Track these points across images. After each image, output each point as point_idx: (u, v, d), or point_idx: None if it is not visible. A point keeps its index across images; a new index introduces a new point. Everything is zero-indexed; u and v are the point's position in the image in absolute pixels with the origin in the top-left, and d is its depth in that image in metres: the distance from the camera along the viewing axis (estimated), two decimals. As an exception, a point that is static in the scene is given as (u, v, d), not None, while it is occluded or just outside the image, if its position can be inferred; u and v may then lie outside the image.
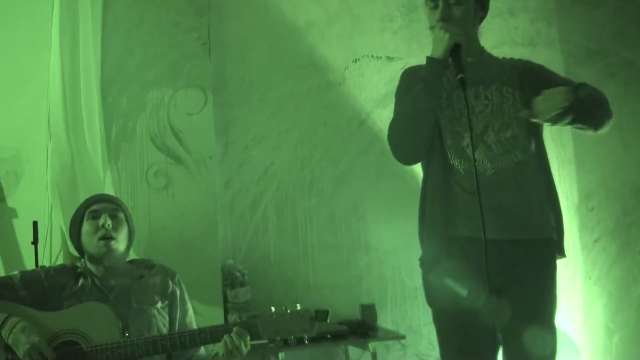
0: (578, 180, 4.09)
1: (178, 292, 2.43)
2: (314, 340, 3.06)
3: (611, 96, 4.14)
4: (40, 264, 3.04)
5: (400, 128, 2.18)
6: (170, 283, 2.43)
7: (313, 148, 3.74)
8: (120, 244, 2.35)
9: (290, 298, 3.50)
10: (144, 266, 2.46)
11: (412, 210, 3.61)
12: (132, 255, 2.58)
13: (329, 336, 3.14)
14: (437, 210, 2.17)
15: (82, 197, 2.86)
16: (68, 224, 2.83)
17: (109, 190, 3.18)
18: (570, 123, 2.10)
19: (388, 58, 3.90)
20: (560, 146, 4.08)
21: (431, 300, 2.24)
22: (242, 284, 3.36)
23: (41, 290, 2.29)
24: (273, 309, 2.11)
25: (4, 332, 2.08)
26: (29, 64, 3.32)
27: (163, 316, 2.36)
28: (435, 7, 2.18)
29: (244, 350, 2.10)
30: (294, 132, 3.72)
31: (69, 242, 2.96)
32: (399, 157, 2.23)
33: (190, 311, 2.48)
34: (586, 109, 2.13)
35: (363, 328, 3.28)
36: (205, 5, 3.49)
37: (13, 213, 3.27)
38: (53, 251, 3.19)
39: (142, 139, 3.34)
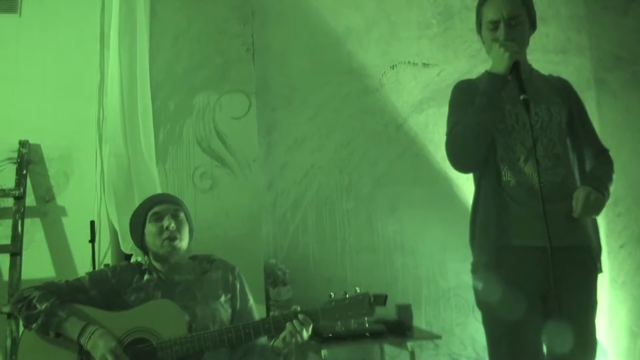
0: (606, 186, 4.15)
1: (238, 285, 2.52)
2: (354, 337, 3.21)
3: (638, 103, 4.27)
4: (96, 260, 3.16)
5: (462, 138, 2.28)
6: (231, 277, 2.52)
7: (352, 151, 3.82)
8: (183, 242, 2.45)
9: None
10: (206, 261, 2.55)
11: (446, 214, 3.79)
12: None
13: (367, 334, 3.25)
14: (489, 220, 2.27)
15: (137, 198, 2.97)
16: (124, 223, 2.96)
17: (157, 191, 3.27)
18: None
19: (424, 64, 3.99)
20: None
21: (482, 303, 2.34)
22: (284, 283, 3.44)
23: (110, 288, 2.40)
24: (332, 294, 2.20)
25: (83, 340, 2.20)
26: (79, 66, 3.46)
27: (226, 309, 2.44)
28: (495, 28, 2.30)
29: (305, 336, 2.19)
30: (333, 136, 3.81)
31: (120, 242, 3.08)
32: (459, 165, 2.35)
33: (251, 302, 2.55)
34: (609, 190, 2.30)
35: (400, 327, 3.35)
36: (249, 12, 3.58)
37: (62, 211, 3.38)
38: (103, 248, 3.33)
39: (188, 142, 3.43)
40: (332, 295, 2.21)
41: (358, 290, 2.19)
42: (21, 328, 2.33)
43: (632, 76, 4.32)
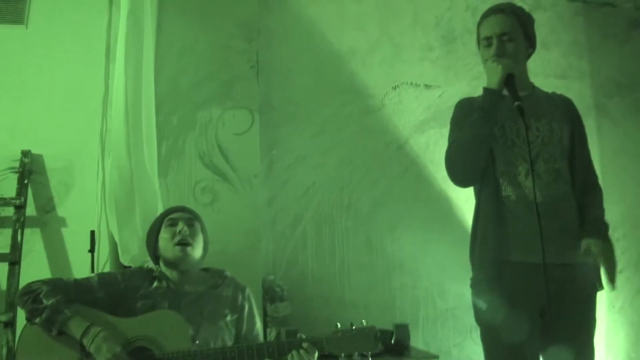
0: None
1: (247, 307, 2.52)
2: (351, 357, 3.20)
3: (638, 129, 4.30)
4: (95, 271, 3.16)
5: (459, 152, 2.32)
6: (240, 297, 2.51)
7: (353, 170, 3.83)
8: (195, 251, 2.45)
9: (326, 314, 3.59)
10: (218, 276, 2.54)
11: (445, 235, 3.79)
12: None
13: (364, 353, 3.24)
14: (489, 235, 2.29)
15: (139, 210, 2.98)
16: (124, 235, 2.96)
17: (159, 204, 3.28)
18: None
19: (426, 86, 4.02)
20: (586, 177, 4.17)
21: (480, 319, 2.35)
22: (282, 299, 3.43)
23: (117, 291, 2.39)
24: (339, 325, 2.19)
25: (87, 340, 2.17)
26: (84, 79, 3.47)
27: (230, 330, 2.43)
28: (489, 44, 2.36)
29: None
30: (334, 154, 3.82)
31: (119, 253, 3.08)
32: (457, 179, 2.38)
33: (258, 326, 2.54)
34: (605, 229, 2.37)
35: (397, 347, 3.33)
36: (255, 30, 3.61)
37: (62, 222, 3.38)
38: (102, 258, 3.31)
39: (190, 156, 3.44)
40: (339, 326, 2.20)
41: (364, 323, 2.19)
42: (18, 334, 2.30)
43: (633, 103, 4.36)
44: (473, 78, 4.03)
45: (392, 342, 2.20)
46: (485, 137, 2.28)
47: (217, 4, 3.57)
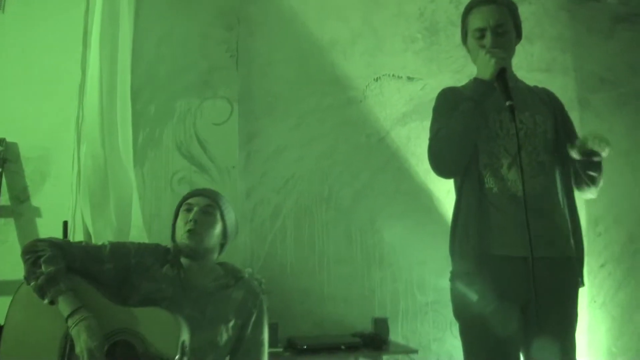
0: (587, 206, 4.15)
1: (255, 314, 2.39)
2: (329, 350, 3.18)
3: (622, 124, 4.31)
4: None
5: (446, 143, 2.26)
6: (250, 302, 2.40)
7: (333, 162, 3.80)
8: (206, 240, 2.32)
9: (305, 308, 3.57)
10: (232, 275, 2.43)
11: (426, 228, 3.77)
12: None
13: (343, 347, 3.22)
14: (470, 227, 2.24)
15: (113, 201, 2.93)
16: (98, 226, 2.90)
17: (134, 194, 3.22)
18: (596, 167, 2.22)
19: (408, 78, 4.00)
20: (569, 172, 4.17)
21: (459, 313, 2.30)
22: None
23: (126, 265, 2.29)
24: None
25: (70, 322, 2.08)
26: (61, 66, 3.39)
27: (229, 334, 2.32)
28: (482, 36, 2.30)
29: None
30: (315, 146, 3.79)
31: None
32: (441, 169, 2.31)
33: (264, 336, 2.43)
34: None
35: (376, 341, 3.32)
36: (234, 19, 3.56)
37: (37, 212, 3.31)
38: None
39: (168, 146, 3.39)
40: None
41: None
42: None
43: (617, 98, 4.36)
44: (456, 71, 4.00)
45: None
46: (474, 129, 2.23)
47: (197, -8, 3.53)
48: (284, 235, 3.69)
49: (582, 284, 2.30)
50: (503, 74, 2.21)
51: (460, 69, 3.95)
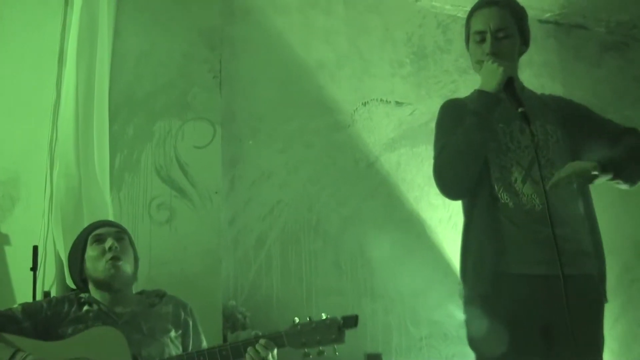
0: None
1: (191, 322, 2.36)
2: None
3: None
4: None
5: (451, 161, 2.13)
6: (183, 313, 2.36)
7: (321, 188, 3.67)
8: (127, 266, 2.28)
9: (292, 343, 3.37)
10: (154, 295, 2.38)
11: (419, 257, 3.62)
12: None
13: (334, 384, 3.02)
14: (485, 246, 2.10)
15: (87, 223, 2.73)
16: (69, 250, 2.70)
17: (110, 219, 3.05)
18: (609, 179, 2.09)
19: (397, 103, 3.93)
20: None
21: (475, 341, 2.12)
22: (244, 327, 3.22)
23: (44, 319, 2.19)
24: (297, 319, 2.03)
25: None
26: (35, 85, 3.23)
27: (177, 346, 2.26)
28: (482, 40, 2.18)
29: None
30: (301, 171, 3.65)
31: (66, 273, 2.81)
32: (447, 190, 2.19)
33: (204, 344, 2.37)
34: (623, 167, 2.10)
35: (370, 378, 3.16)
36: (217, 38, 3.46)
37: (5, 240, 3.10)
38: (48, 278, 3.04)
39: (146, 170, 3.23)
40: (297, 320, 2.03)
41: (324, 316, 2.03)
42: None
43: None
44: (445, 96, 3.89)
45: (357, 325, 2.00)
46: (480, 145, 2.10)
47: (179, 10, 3.42)
48: (270, 265, 3.51)
49: (606, 299, 2.14)
50: (511, 84, 2.09)
51: (450, 94, 3.87)
